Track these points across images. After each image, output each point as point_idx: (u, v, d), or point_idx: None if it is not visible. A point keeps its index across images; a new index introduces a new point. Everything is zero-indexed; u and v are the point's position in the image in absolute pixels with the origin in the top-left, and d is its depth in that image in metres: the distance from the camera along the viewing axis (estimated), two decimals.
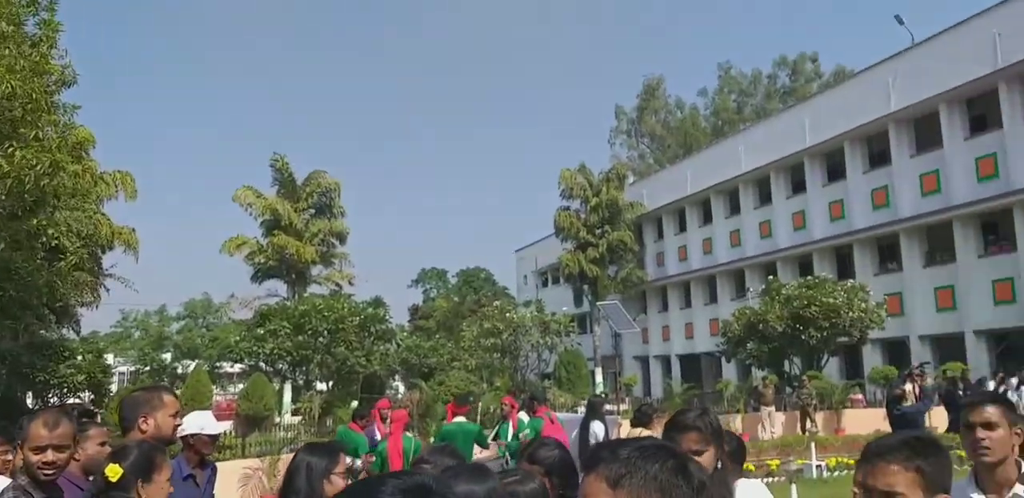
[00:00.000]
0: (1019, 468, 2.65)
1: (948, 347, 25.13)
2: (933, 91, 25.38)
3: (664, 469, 1.09)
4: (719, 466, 2.62)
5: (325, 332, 23.78)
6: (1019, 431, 2.75)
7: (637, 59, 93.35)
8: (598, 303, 31.14)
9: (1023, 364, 20.57)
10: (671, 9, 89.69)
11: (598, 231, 39.42)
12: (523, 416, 8.95)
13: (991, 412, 2.74)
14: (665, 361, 39.70)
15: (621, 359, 40.12)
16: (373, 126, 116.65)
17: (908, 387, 15.31)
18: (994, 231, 24.98)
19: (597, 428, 8.53)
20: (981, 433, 2.68)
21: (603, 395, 29.24)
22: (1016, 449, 2.77)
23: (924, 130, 26.77)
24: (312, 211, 34.57)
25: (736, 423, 21.48)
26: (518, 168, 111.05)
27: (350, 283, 35.46)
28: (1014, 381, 19.26)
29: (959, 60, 24.53)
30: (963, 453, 2.93)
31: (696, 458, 2.38)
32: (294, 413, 22.60)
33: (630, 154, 53.75)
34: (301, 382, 25.11)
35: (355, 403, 18.79)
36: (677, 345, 38.63)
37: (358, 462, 7.48)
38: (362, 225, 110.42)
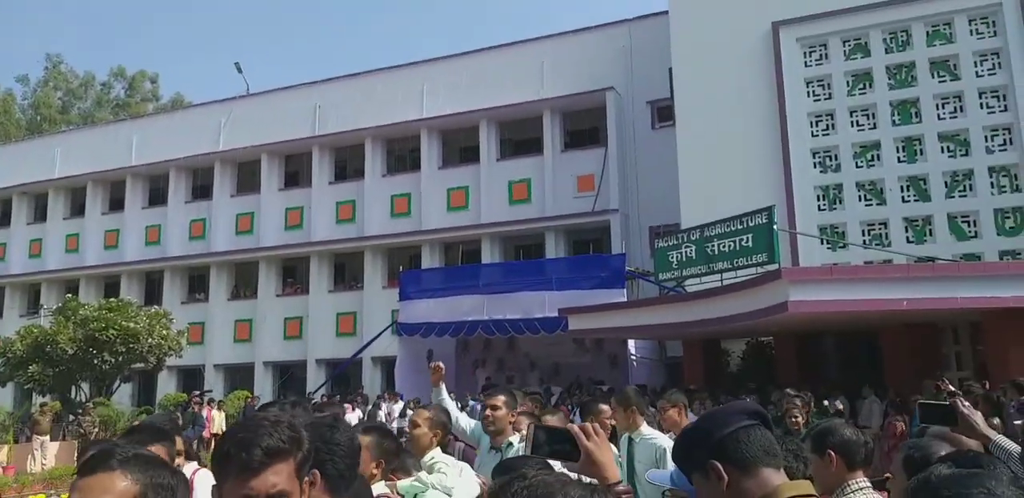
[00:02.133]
0: None
1: (240, 375, 27.41)
2: (258, 141, 27.95)
3: None
4: None
5: None
6: None
7: None
8: None
9: (301, 391, 23.88)
10: None
11: None
12: None
13: None
14: None
15: None
16: None
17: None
18: (292, 274, 28.56)
19: None
20: None
21: None
22: None
23: (246, 174, 29.16)
24: None
25: (2, 455, 19.34)
26: None
27: None
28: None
29: (284, 119, 27.74)
30: None
31: None
32: None
33: None
34: None
35: None
36: None
37: None
38: None
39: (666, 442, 4.54)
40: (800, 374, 16.11)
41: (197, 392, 23.03)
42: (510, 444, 4.32)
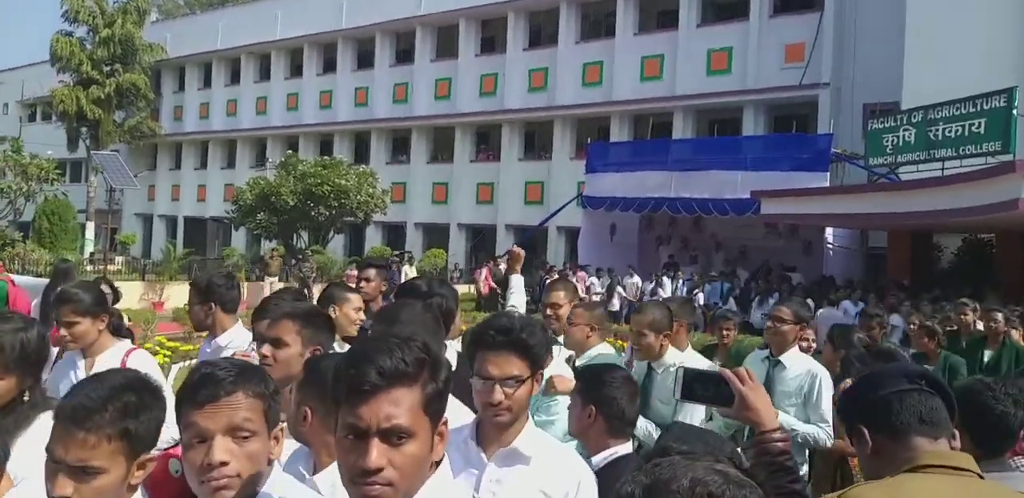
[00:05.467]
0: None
1: (436, 235, 29.11)
2: (456, 6, 27.69)
3: None
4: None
5: None
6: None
7: None
8: (93, 152, 28.22)
9: (491, 253, 25.06)
10: None
11: (107, 68, 35.09)
12: None
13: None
14: (172, 222, 38.17)
15: (120, 215, 37.48)
16: None
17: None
18: (485, 141, 29.12)
19: None
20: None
21: (92, 254, 27.09)
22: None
23: (444, 40, 29.22)
24: None
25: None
26: None
27: None
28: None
29: None
30: None
31: None
32: None
33: None
34: None
35: None
36: (187, 207, 37.30)
37: None
38: None
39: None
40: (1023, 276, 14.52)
41: (397, 252, 24.84)
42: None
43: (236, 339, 3.37)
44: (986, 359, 6.17)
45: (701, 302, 16.95)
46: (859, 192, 16.49)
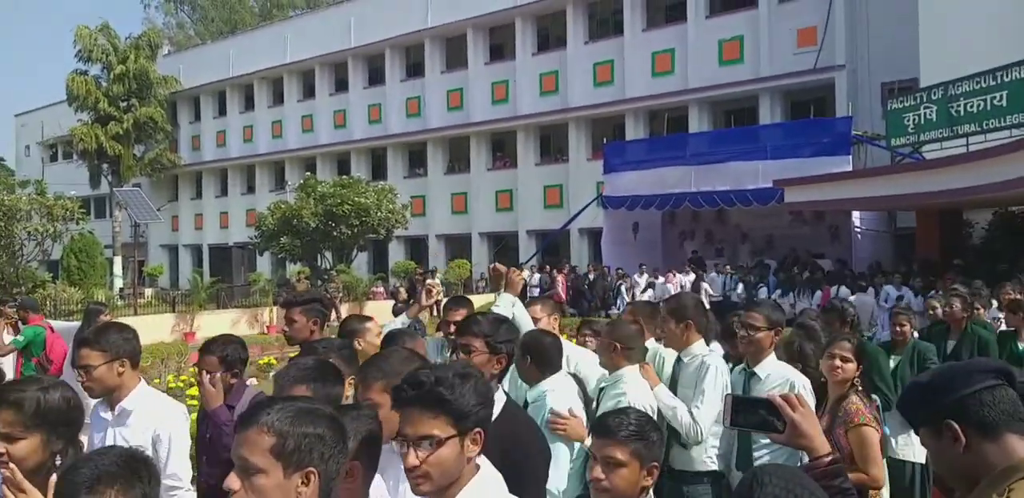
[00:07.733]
0: None
1: (458, 245, 29.12)
2: (463, 15, 27.80)
3: None
4: None
5: None
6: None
7: None
8: (116, 190, 28.53)
9: (515, 261, 24.95)
10: None
11: (123, 104, 35.56)
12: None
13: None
14: (197, 251, 38.54)
15: (146, 247, 37.90)
16: None
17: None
18: (501, 148, 29.12)
19: None
20: None
21: (122, 289, 27.30)
22: None
23: (453, 51, 29.36)
24: None
25: (265, 315, 22.26)
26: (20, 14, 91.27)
27: None
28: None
29: None
30: None
31: None
32: None
33: (167, 21, 48.59)
34: None
35: None
36: (210, 235, 37.65)
37: None
38: None
39: (714, 359, 3.72)
40: None
41: (421, 271, 24.80)
42: None
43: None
44: (948, 348, 5.93)
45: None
46: (884, 174, 16.25)
